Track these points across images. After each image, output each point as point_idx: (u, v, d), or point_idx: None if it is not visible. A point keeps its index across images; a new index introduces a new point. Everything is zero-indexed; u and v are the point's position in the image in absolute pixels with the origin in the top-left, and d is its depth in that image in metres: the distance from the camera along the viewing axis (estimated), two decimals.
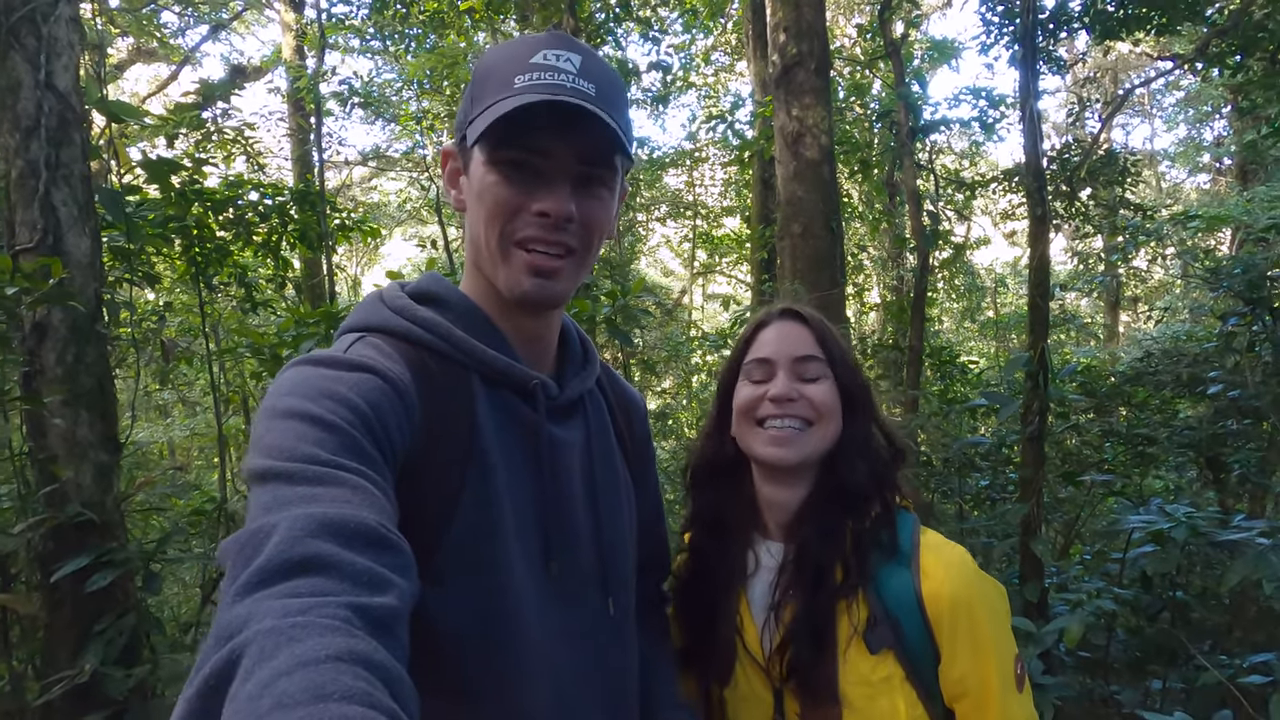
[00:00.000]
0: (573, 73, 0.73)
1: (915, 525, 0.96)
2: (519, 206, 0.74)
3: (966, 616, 0.88)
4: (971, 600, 0.89)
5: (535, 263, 0.74)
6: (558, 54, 0.74)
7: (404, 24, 6.74)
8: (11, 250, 2.31)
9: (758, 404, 0.98)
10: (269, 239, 4.01)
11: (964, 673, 0.88)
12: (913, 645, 0.89)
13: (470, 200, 0.78)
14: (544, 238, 0.74)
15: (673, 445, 6.21)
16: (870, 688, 0.89)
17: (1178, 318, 8.81)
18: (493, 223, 0.75)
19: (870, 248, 10.51)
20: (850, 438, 0.99)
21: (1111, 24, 5.23)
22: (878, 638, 0.89)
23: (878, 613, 0.90)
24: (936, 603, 0.88)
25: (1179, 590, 2.74)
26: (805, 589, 0.93)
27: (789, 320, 1.02)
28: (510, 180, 0.73)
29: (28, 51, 2.32)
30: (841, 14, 11.80)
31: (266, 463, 0.58)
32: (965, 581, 0.90)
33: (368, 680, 0.43)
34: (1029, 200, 3.13)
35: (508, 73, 0.73)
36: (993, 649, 0.89)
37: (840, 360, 1.00)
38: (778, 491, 1.00)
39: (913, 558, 0.91)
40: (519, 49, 0.75)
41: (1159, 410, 4.21)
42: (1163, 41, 9.08)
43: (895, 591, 0.90)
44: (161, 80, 11.79)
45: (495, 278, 0.77)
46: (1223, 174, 13.82)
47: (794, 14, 4.40)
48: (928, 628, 0.89)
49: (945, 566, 0.90)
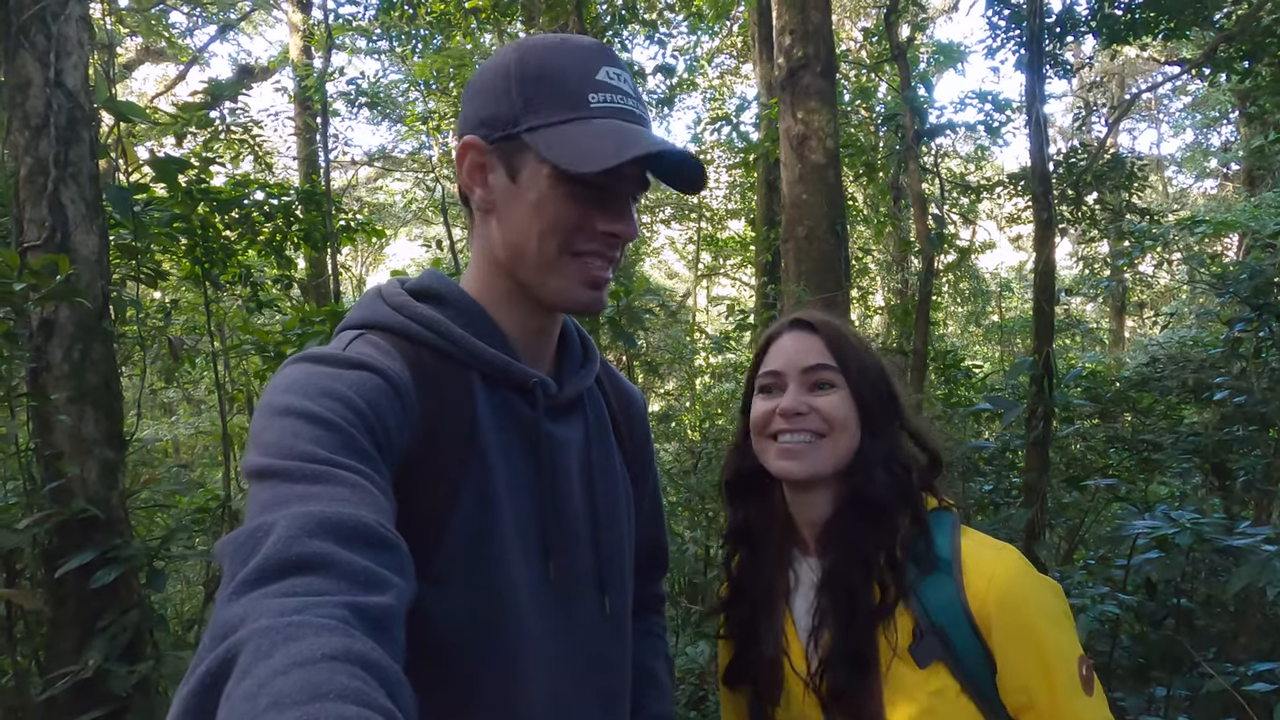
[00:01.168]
0: (632, 95, 0.76)
1: (954, 528, 0.91)
2: (583, 223, 0.75)
3: (1016, 620, 0.83)
4: (1021, 601, 0.84)
5: (592, 276, 0.76)
6: (615, 72, 0.75)
7: (411, 25, 6.76)
8: (20, 247, 2.32)
9: (770, 419, 0.96)
10: (274, 238, 4.02)
11: (1024, 681, 0.83)
12: (965, 656, 0.84)
13: (516, 205, 0.75)
14: (603, 253, 0.76)
15: (676, 447, 6.19)
16: (923, 704, 0.84)
17: (1184, 323, 8.77)
18: (552, 235, 0.74)
19: (875, 251, 10.50)
20: (869, 448, 0.94)
21: (1118, 28, 5.21)
22: (925, 650, 0.85)
23: (923, 625, 0.85)
24: (984, 608, 0.83)
25: (1183, 597, 2.73)
26: (840, 614, 0.89)
27: (799, 330, 0.99)
28: (578, 198, 0.74)
29: (37, 50, 2.34)
30: (848, 17, 11.79)
31: (264, 460, 0.58)
32: (1012, 583, 0.84)
33: (364, 680, 0.43)
34: (1034, 204, 3.13)
35: (577, 86, 0.73)
36: (1053, 651, 0.83)
37: (856, 368, 0.95)
38: (802, 505, 0.98)
39: (954, 565, 0.87)
40: (578, 59, 0.75)
41: (1164, 416, 4.19)
42: (1170, 46, 9.05)
43: (939, 603, 0.86)
44: (170, 80, 11.86)
45: (542, 285, 0.77)
46: (1230, 179, 13.76)
47: (800, 17, 4.40)
48: (978, 636, 0.84)
49: (990, 569, 0.85)
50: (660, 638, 1.05)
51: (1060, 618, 0.86)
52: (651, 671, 1.00)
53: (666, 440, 6.27)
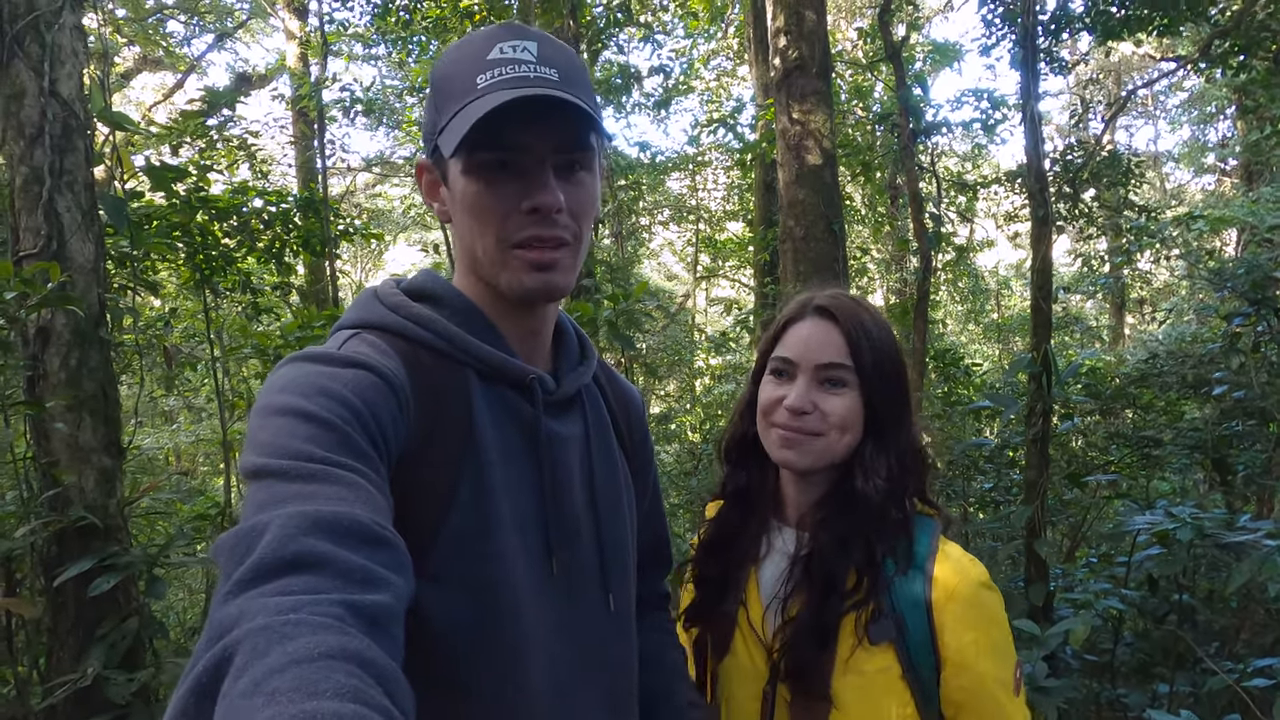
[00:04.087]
0: (532, 61, 0.72)
1: (935, 534, 0.96)
2: (508, 208, 0.73)
3: (974, 627, 0.89)
4: (979, 613, 0.90)
5: (534, 258, 0.74)
6: (513, 45, 0.72)
7: (406, 30, 6.77)
8: (15, 256, 2.32)
9: (775, 407, 0.96)
10: (273, 246, 4.02)
11: (968, 682, 0.89)
12: (916, 648, 0.90)
13: (456, 210, 0.76)
14: (540, 234, 0.74)
15: (676, 449, 6.19)
16: (864, 679, 0.90)
17: (1183, 319, 8.77)
18: (485, 229, 0.74)
19: (873, 250, 10.51)
20: (871, 449, 0.95)
21: (1113, 25, 5.22)
22: (879, 630, 0.90)
23: (885, 609, 0.91)
24: (942, 611, 0.89)
25: (1185, 593, 2.72)
26: (816, 592, 0.93)
27: (822, 319, 0.96)
28: (493, 183, 0.73)
29: (32, 59, 2.34)
30: (843, 17, 11.81)
31: (260, 460, 0.58)
32: (974, 592, 0.91)
33: (361, 678, 0.43)
34: (1031, 202, 3.13)
35: (467, 74, 0.72)
36: (1000, 658, 0.90)
37: (871, 370, 0.93)
38: (794, 487, 1.01)
39: (927, 566, 0.92)
40: (473, 47, 0.74)
41: (1164, 412, 4.19)
42: (1165, 42, 9.07)
43: (906, 596, 0.91)
44: (168, 89, 11.87)
45: (496, 281, 0.76)
46: (1228, 175, 13.77)
47: (795, 17, 4.41)
48: (933, 633, 0.90)
49: (956, 576, 0.91)
50: (671, 633, 1.05)
51: (1006, 627, 0.93)
52: (676, 666, 1.00)
53: (667, 442, 6.26)
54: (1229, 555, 2.55)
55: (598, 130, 0.74)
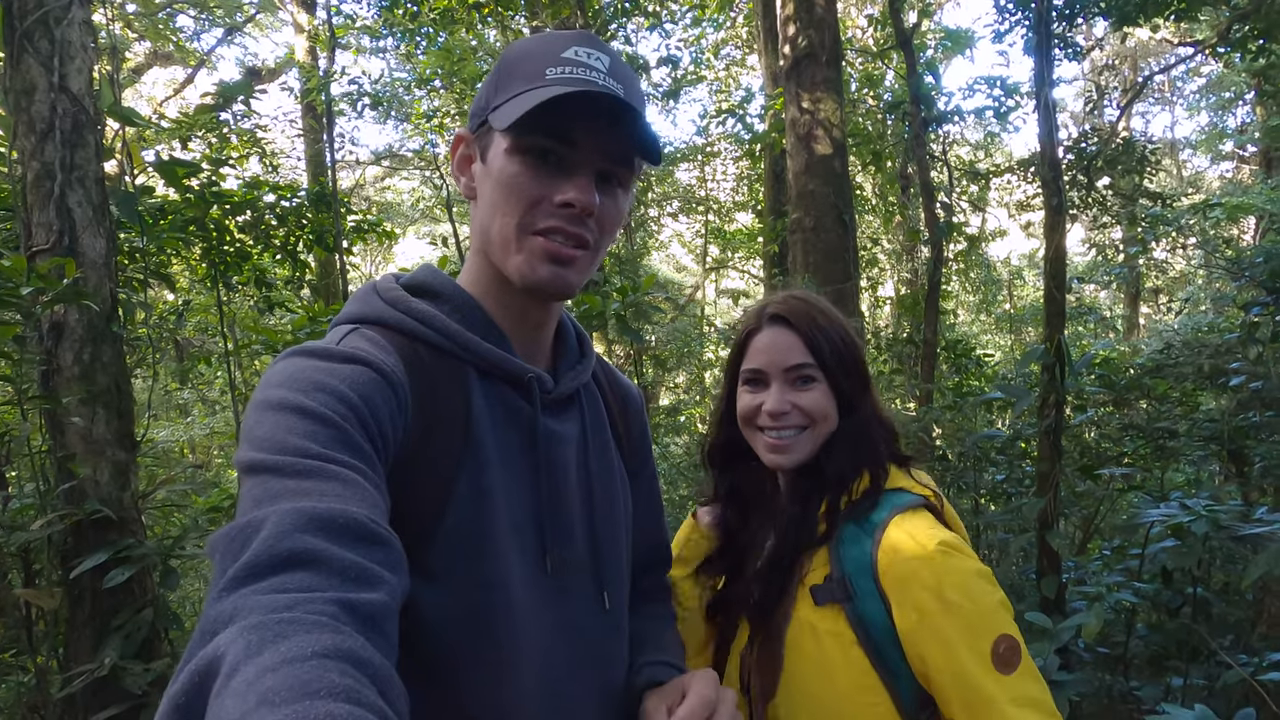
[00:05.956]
0: (603, 71, 0.74)
1: (903, 508, 0.94)
2: (540, 196, 0.73)
3: (927, 597, 0.85)
4: (932, 576, 0.86)
5: (553, 250, 0.74)
6: (588, 52, 0.74)
7: (414, 22, 6.76)
8: (28, 251, 2.35)
9: (756, 413, 1.03)
10: (286, 241, 4.04)
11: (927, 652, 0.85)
12: (867, 614, 0.89)
13: (486, 186, 0.76)
14: (564, 228, 0.74)
15: (685, 441, 6.18)
16: (816, 637, 0.92)
17: (1200, 308, 8.65)
18: (511, 209, 0.74)
19: (884, 240, 10.42)
20: (844, 429, 1.03)
21: (1129, 9, 5.13)
22: (825, 591, 0.92)
23: (834, 572, 0.93)
24: (887, 576, 0.89)
25: (1200, 585, 2.69)
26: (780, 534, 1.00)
27: (778, 327, 1.03)
28: (534, 168, 0.73)
29: (41, 55, 2.35)
30: (853, 4, 11.68)
31: (256, 455, 0.57)
32: (926, 561, 0.87)
33: (354, 677, 0.43)
34: (1044, 190, 3.09)
35: (538, 64, 0.73)
36: (967, 627, 0.84)
37: (831, 361, 1.01)
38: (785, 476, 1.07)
39: (875, 533, 0.92)
40: (549, 43, 0.75)
41: (1180, 403, 4.13)
42: (1183, 27, 8.90)
43: (853, 557, 0.92)
44: (178, 83, 11.94)
45: (506, 264, 0.76)
46: (1246, 161, 13.54)
47: (804, 5, 4.37)
48: (885, 602, 0.89)
49: (900, 542, 0.89)
50: (667, 619, 1.04)
51: (981, 596, 0.87)
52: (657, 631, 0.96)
53: (676, 434, 6.26)
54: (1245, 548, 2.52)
55: (646, 154, 0.76)
